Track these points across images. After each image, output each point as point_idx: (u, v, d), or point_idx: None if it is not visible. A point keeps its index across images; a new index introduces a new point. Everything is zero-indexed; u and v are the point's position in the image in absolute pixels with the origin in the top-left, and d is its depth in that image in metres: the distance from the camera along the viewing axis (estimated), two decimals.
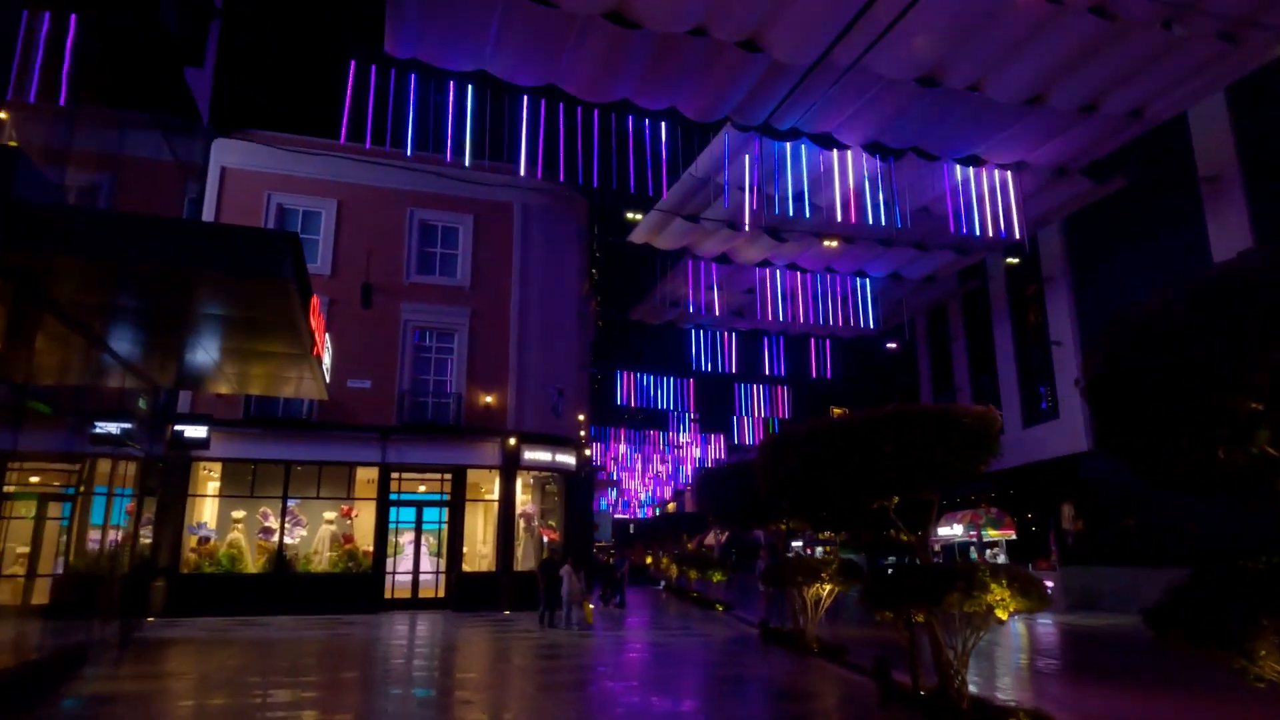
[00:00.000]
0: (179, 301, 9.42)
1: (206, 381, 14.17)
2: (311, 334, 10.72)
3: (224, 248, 8.56)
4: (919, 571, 9.17)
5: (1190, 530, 25.22)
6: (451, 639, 16.55)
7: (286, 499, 22.66)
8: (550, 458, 24.86)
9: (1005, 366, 33.31)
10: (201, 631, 17.58)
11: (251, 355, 11.92)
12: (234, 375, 13.61)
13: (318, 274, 23.64)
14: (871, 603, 10.02)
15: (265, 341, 11.08)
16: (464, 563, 24.42)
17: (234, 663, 13.11)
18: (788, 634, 15.72)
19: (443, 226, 25.23)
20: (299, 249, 9.12)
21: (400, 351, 23.94)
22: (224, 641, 15.83)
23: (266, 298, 9.24)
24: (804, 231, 22.98)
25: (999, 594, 8.25)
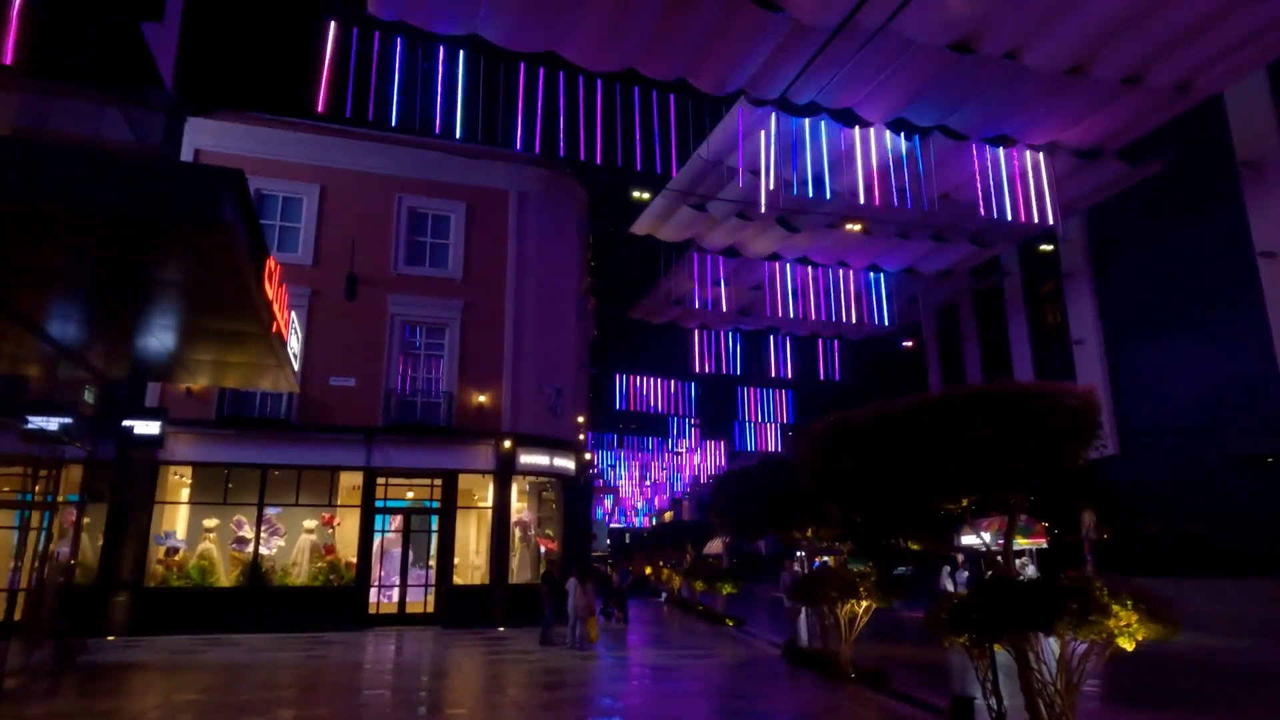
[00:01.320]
0: (97, 258, 7.58)
1: (160, 371, 12.32)
2: (269, 305, 8.90)
3: (143, 184, 6.72)
4: (1011, 590, 7.37)
5: (1217, 539, 23.56)
6: (440, 662, 14.67)
7: (263, 506, 20.73)
8: (548, 462, 23.01)
9: (1021, 367, 31.61)
10: (160, 653, 15.65)
11: (202, 336, 10.11)
12: (189, 363, 11.78)
13: (299, 264, 21.87)
14: (944, 627, 8.24)
15: (214, 316, 9.26)
16: (455, 575, 22.51)
17: (183, 695, 11.21)
18: (816, 656, 13.89)
19: (433, 215, 23.43)
20: (244, 189, 7.32)
21: (387, 347, 22.08)
22: (182, 666, 13.91)
23: (205, 253, 7.41)
24: (823, 214, 21.25)
25: (1124, 618, 6.47)
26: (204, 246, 7.26)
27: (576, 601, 17.11)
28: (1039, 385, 7.21)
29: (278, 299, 9.33)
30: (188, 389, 20.40)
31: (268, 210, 22.25)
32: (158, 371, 12.32)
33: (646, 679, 12.96)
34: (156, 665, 13.99)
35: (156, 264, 7.69)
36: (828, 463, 8.41)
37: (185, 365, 12.01)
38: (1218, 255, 23.13)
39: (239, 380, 12.83)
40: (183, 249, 7.30)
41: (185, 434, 20.29)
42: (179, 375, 12.72)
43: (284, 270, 21.79)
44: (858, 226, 20.93)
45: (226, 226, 6.92)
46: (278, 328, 9.50)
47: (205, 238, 7.12)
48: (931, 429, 7.32)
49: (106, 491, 17.32)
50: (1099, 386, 25.88)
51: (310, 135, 22.57)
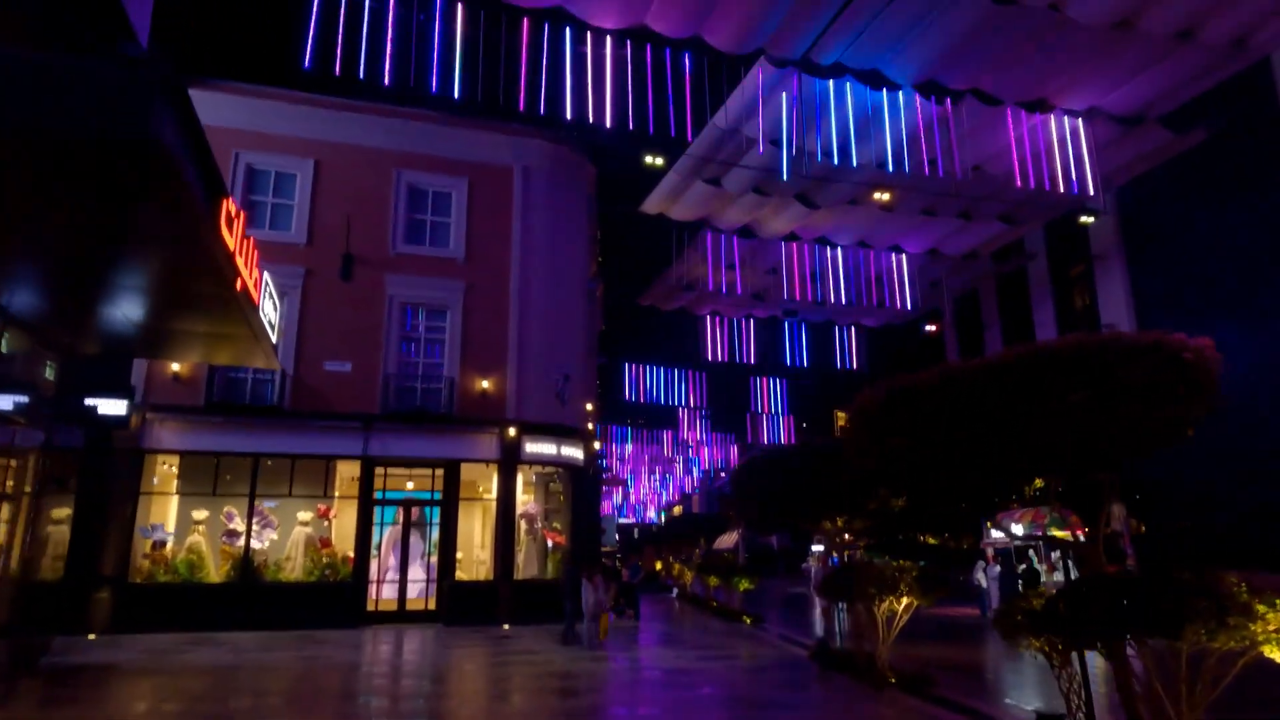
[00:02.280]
0: (9, 193, 6.31)
1: (125, 343, 11.05)
2: (229, 257, 7.62)
3: (49, 93, 5.43)
4: (1116, 587, 6.05)
5: (1257, 533, 22.15)
6: (440, 664, 13.41)
7: (254, 497, 19.53)
8: (555, 451, 21.73)
9: None
10: (138, 653, 14.44)
11: (158, 298, 8.84)
12: (154, 334, 10.51)
13: (292, 243, 20.66)
14: (1019, 630, 6.95)
15: (165, 271, 7.98)
16: (458, 570, 21.27)
17: (147, 703, 9.98)
18: (849, 658, 12.57)
19: (434, 191, 22.16)
20: (185, 104, 6.04)
21: (385, 330, 20.84)
22: (157, 668, 12.69)
23: (138, 184, 6.13)
24: (849, 184, 19.84)
25: (1274, 621, 5.15)
26: (135, 174, 5.98)
27: (597, 598, 16.23)
28: (1150, 336, 5.88)
29: (242, 252, 8.05)
30: (174, 374, 19.24)
31: (259, 186, 21.02)
32: (121, 344, 11.06)
33: (665, 684, 11.68)
34: (130, 667, 12.77)
35: (83, 200, 6.41)
36: (879, 439, 7.09)
37: (150, 337, 10.76)
38: (1263, 233, 21.68)
39: (209, 355, 11.55)
40: (110, 178, 6.02)
41: (171, 420, 19.10)
42: (145, 349, 11.48)
43: (277, 250, 20.65)
44: (886, 196, 19.56)
45: (159, 148, 5.64)
46: (244, 286, 8.22)
47: (135, 162, 5.83)
48: (1013, 393, 5.99)
49: (72, 480, 16.09)
50: None
51: (304, 108, 21.32)
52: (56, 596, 17.32)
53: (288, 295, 20.36)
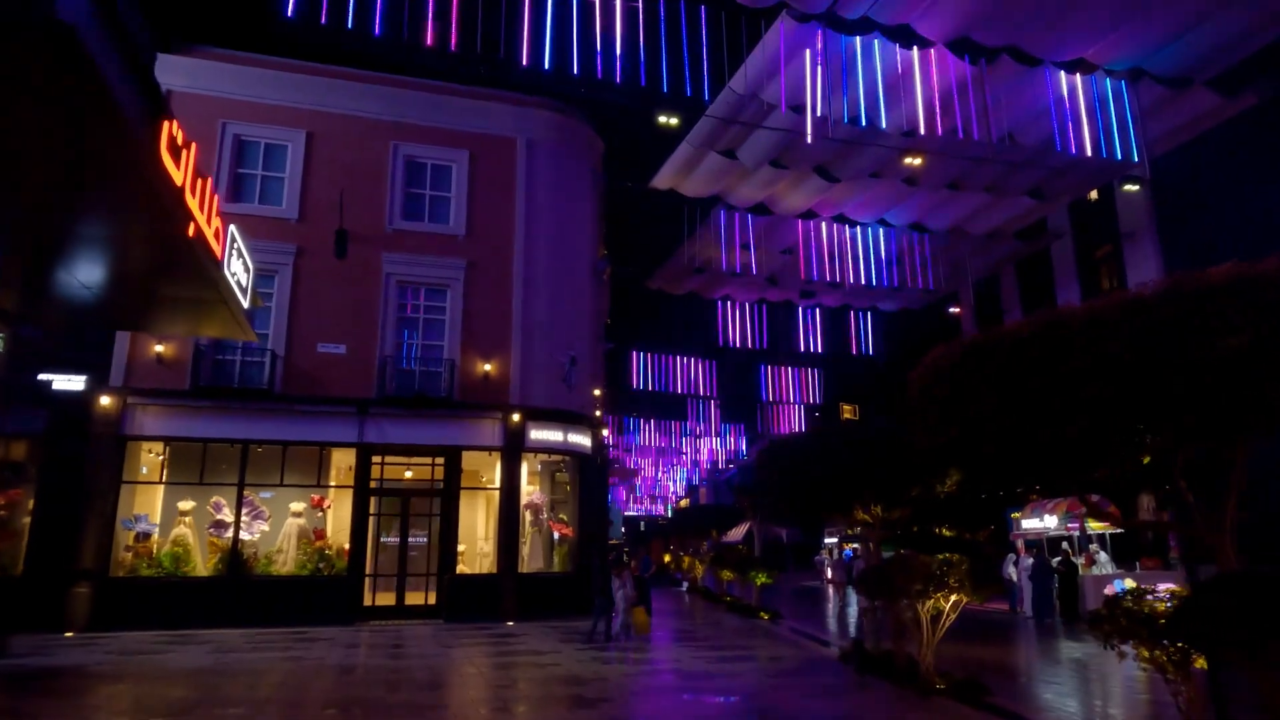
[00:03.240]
0: None
1: (80, 311, 9.79)
2: (175, 193, 6.37)
3: None
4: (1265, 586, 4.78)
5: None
6: (438, 668, 12.21)
7: (244, 486, 18.35)
8: (561, 438, 20.50)
9: None
10: (112, 654, 13.26)
11: (104, 251, 7.58)
12: (113, 301, 9.29)
13: (283, 218, 19.50)
14: (1123, 634, 5.73)
15: (100, 208, 6.73)
16: (460, 563, 20.10)
17: (97, 715, 8.79)
18: (888, 661, 11.34)
19: (432, 164, 20.90)
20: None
21: (381, 310, 19.61)
22: (125, 671, 11.51)
23: (44, 82, 4.88)
24: (877, 147, 18.49)
25: None
26: (43, 70, 4.72)
27: (627, 592, 15.53)
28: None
29: (197, 193, 6.83)
30: (158, 355, 18.06)
31: (248, 158, 19.80)
32: (81, 314, 9.82)
33: (685, 691, 10.46)
34: (94, 670, 11.59)
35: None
36: (961, 404, 5.82)
37: (111, 306, 9.54)
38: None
39: (177, 324, 10.31)
40: (14, 76, 4.77)
41: (154, 405, 17.93)
42: (107, 319, 10.27)
43: (267, 226, 19.41)
44: (917, 160, 18.21)
45: (65, 30, 4.39)
46: (198, 232, 6.99)
47: (40, 52, 4.58)
48: (1146, 337, 4.71)
49: (29, 468, 14.92)
50: None
51: (295, 75, 20.10)
52: (21, 592, 16.21)
53: (278, 273, 19.19)
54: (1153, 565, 19.90)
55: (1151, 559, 20.11)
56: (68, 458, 17.26)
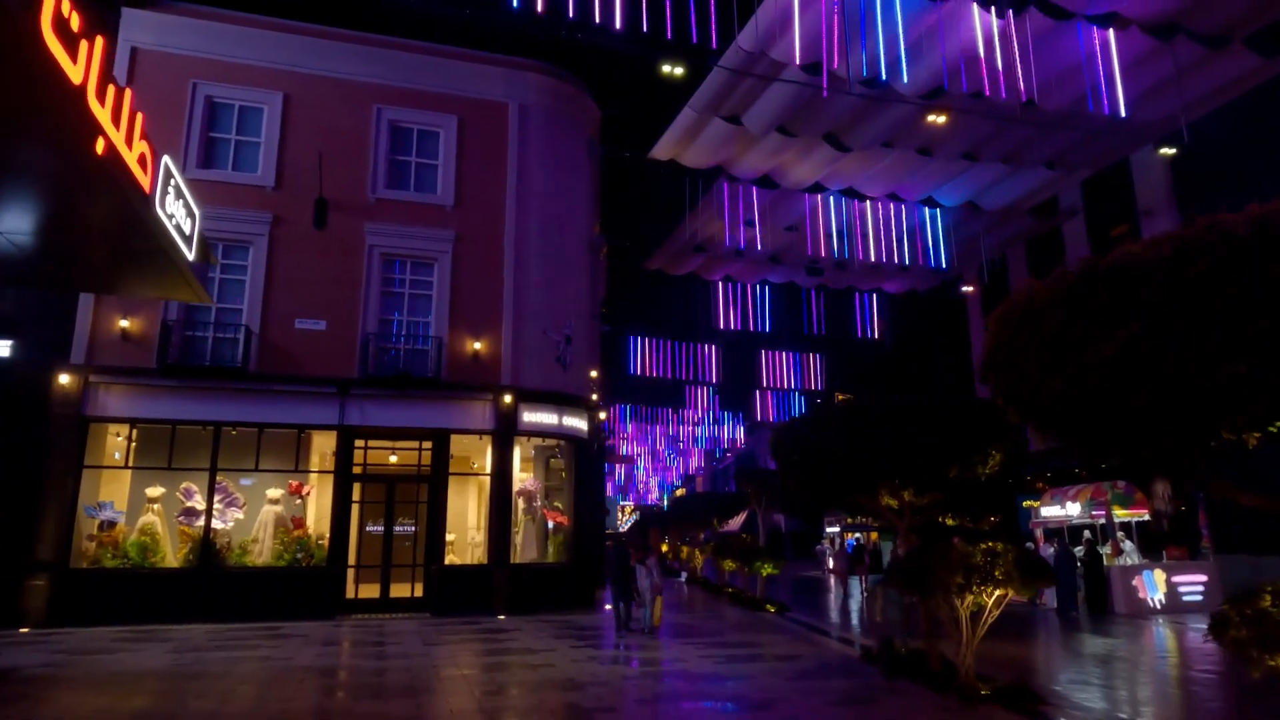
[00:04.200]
0: None
1: (10, 271, 8.42)
2: (74, 94, 5.03)
3: None
4: None
5: None
6: (418, 670, 10.94)
7: (215, 471, 17.03)
8: (555, 421, 19.22)
9: None
10: (59, 653, 11.96)
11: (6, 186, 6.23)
12: (42, 255, 7.93)
13: (258, 185, 18.12)
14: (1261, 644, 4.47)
15: None
16: (450, 554, 18.85)
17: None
18: (920, 661, 10.10)
19: (419, 130, 19.52)
20: None
21: (364, 284, 18.27)
22: (66, 675, 10.22)
23: None
24: (900, 102, 17.13)
25: None
26: None
27: (652, 582, 14.78)
28: None
29: (102, 95, 5.50)
30: (122, 331, 16.71)
31: (221, 122, 18.40)
32: (9, 271, 8.44)
33: (695, 698, 9.21)
34: (31, 674, 10.29)
35: None
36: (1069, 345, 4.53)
37: (40, 261, 8.18)
38: None
39: (109, 279, 8.94)
40: None
41: (119, 385, 16.60)
42: (38, 276, 8.90)
43: (241, 193, 17.98)
44: (941, 118, 16.84)
45: None
46: (110, 150, 5.67)
47: None
48: None
49: None
50: None
51: (272, 33, 18.70)
52: None
53: (253, 244, 17.86)
54: (1178, 554, 18.74)
55: (1177, 548, 18.93)
56: (24, 440, 15.94)
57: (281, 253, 17.92)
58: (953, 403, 9.83)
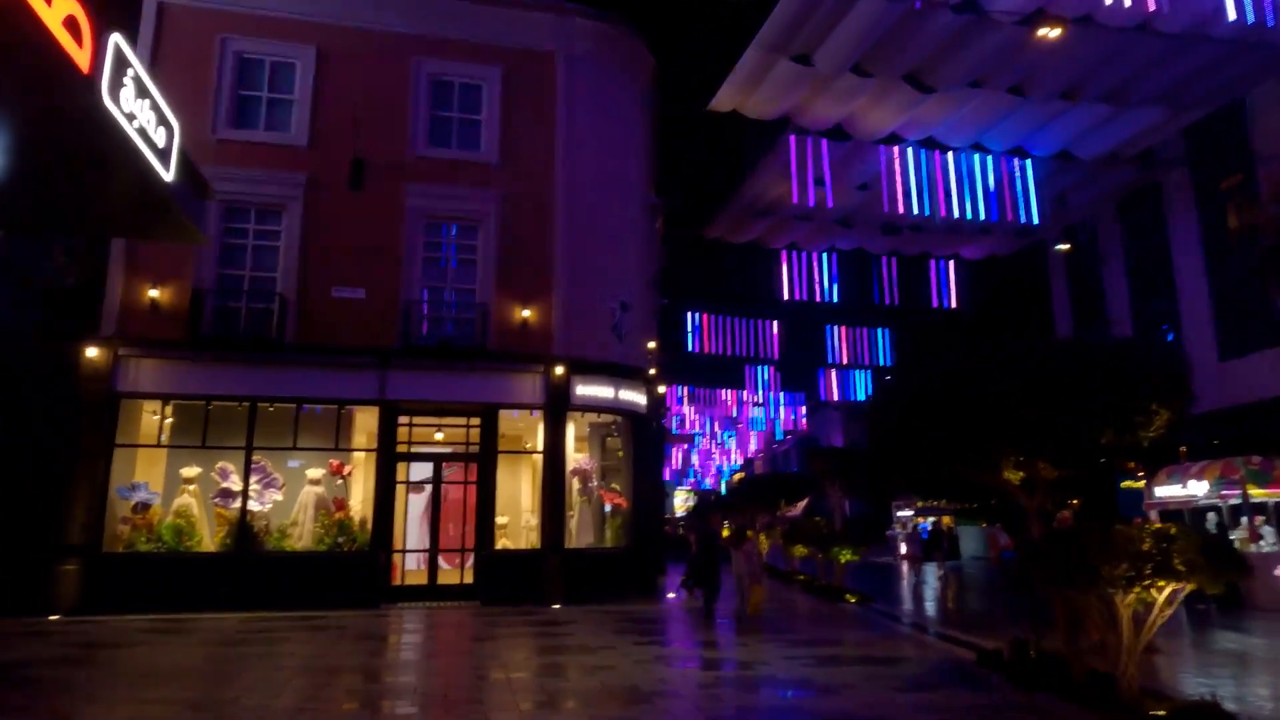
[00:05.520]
0: None
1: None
2: None
3: None
4: None
5: None
6: (462, 674, 9.44)
7: (251, 450, 15.81)
8: (611, 394, 17.55)
9: (1192, 285, 24.70)
10: (74, 647, 10.77)
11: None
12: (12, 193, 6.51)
13: (291, 145, 16.82)
14: None
15: None
16: (502, 538, 17.40)
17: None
18: (1061, 670, 8.14)
19: (460, 83, 17.94)
20: None
21: (405, 249, 16.83)
22: (63, 681, 8.94)
23: None
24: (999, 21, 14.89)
25: None
26: None
27: (750, 568, 14.00)
28: None
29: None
30: (152, 302, 15.55)
31: (252, 79, 17.10)
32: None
33: (794, 715, 7.43)
34: (22, 674, 9.03)
35: None
36: None
37: (10, 199, 6.76)
38: None
39: (74, 215, 7.46)
40: None
41: (150, 358, 15.46)
42: (7, 218, 7.50)
43: (273, 154, 16.56)
44: (1054, 31, 14.53)
45: None
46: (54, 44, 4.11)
47: None
48: None
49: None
50: None
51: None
52: None
53: (287, 207, 16.56)
54: None
55: None
56: (53, 418, 14.94)
57: (317, 216, 16.57)
58: (1109, 345, 7.80)
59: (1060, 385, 7.18)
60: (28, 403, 14.85)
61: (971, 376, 7.73)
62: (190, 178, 7.33)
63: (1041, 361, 7.49)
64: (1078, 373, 7.18)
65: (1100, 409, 7.38)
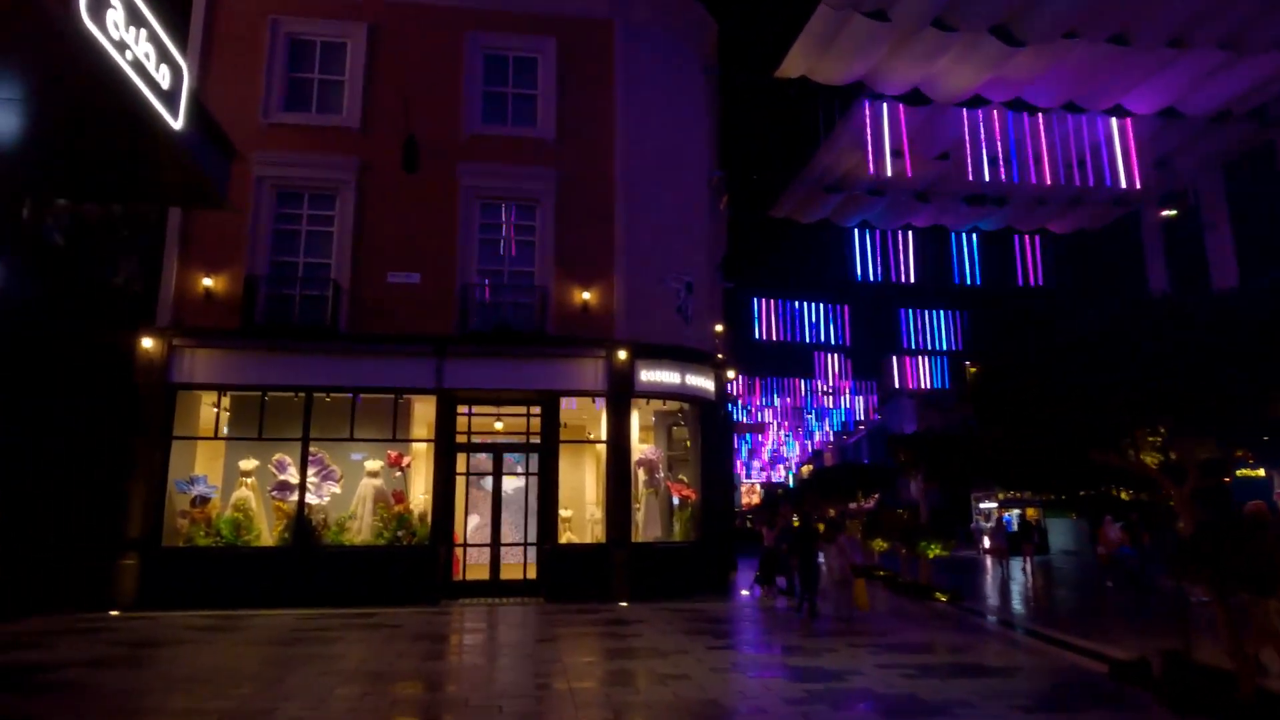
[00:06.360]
0: None
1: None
2: None
3: None
4: None
5: None
6: (520, 683, 8.54)
7: (308, 441, 15.25)
8: (678, 380, 16.48)
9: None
10: (117, 646, 10.23)
11: None
12: None
13: (343, 127, 16.21)
14: None
15: None
16: (568, 532, 16.56)
17: None
18: (1225, 687, 6.74)
19: (514, 57, 17.08)
20: None
21: (460, 232, 16.05)
22: (90, 686, 8.32)
23: None
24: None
25: None
26: None
27: (844, 562, 13.11)
28: None
29: None
30: (206, 290, 15.12)
31: (303, 61, 16.54)
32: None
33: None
34: (50, 680, 8.45)
35: None
36: None
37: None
38: None
39: (83, 156, 6.72)
40: None
41: (204, 348, 15.05)
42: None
43: (325, 137, 15.76)
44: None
45: None
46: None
47: None
48: None
49: None
50: None
51: None
52: (64, 563, 13.74)
53: (339, 192, 15.96)
54: None
55: None
56: (111, 410, 14.63)
57: (370, 200, 15.94)
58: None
59: (1239, 344, 5.79)
60: (85, 396, 14.54)
61: (1113, 338, 6.38)
62: (206, 131, 6.52)
63: (1224, 311, 6.09)
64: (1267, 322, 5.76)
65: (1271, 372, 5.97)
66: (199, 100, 6.35)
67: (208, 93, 15.84)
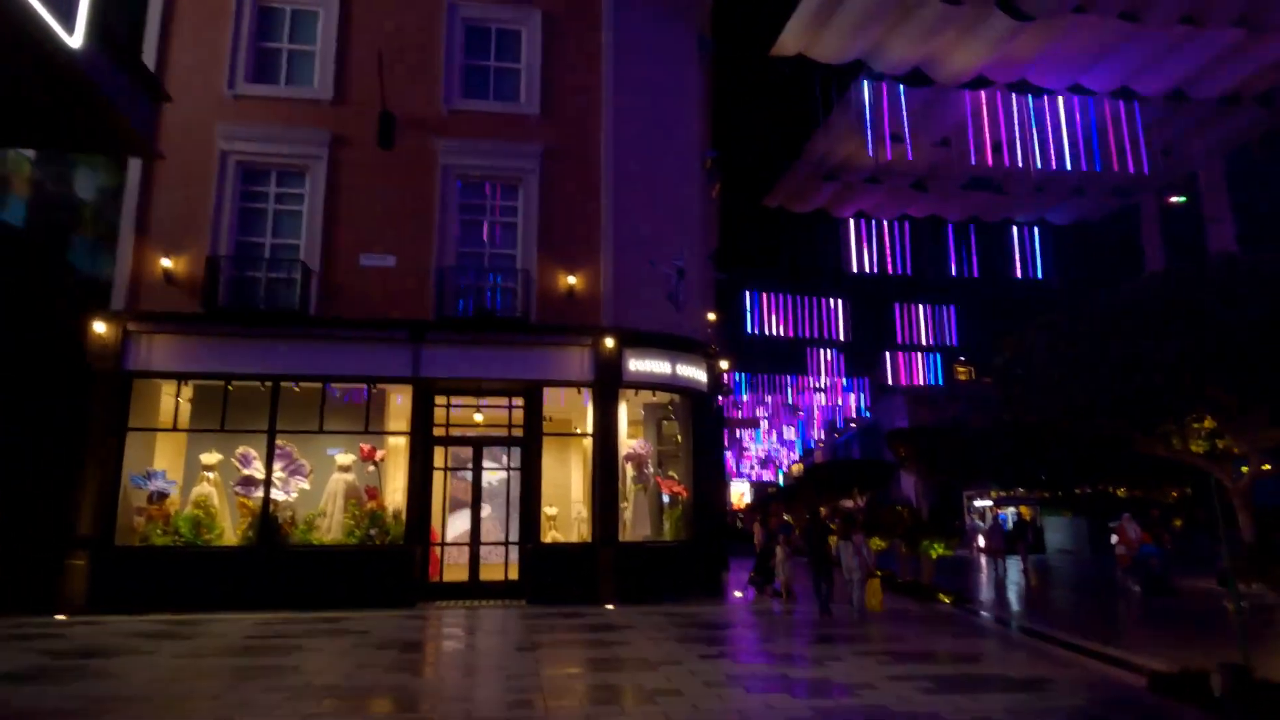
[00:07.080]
0: None
1: None
2: None
3: None
4: None
5: None
6: (491, 702, 7.56)
7: (275, 433, 14.23)
8: (668, 370, 15.56)
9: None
10: (45, 656, 9.19)
11: None
12: None
13: (314, 99, 15.17)
14: None
15: None
16: (552, 529, 15.61)
17: None
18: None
19: (497, 28, 16.12)
20: None
21: (438, 211, 15.07)
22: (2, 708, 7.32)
23: None
24: None
25: None
26: None
27: (861, 560, 13.37)
28: None
29: None
30: (166, 271, 14.07)
31: (272, 29, 15.53)
32: None
33: None
34: None
35: None
36: None
37: None
38: None
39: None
40: None
41: (162, 334, 14.01)
42: None
43: (295, 109, 14.54)
44: None
45: None
46: None
47: None
48: None
49: None
50: None
51: None
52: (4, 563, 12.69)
53: (310, 168, 14.96)
54: None
55: None
56: (62, 400, 13.59)
57: (343, 177, 14.94)
58: None
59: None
60: (34, 385, 13.49)
61: (1176, 305, 5.48)
62: (121, 61, 5.53)
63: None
64: None
65: None
66: (114, 25, 5.37)
67: (169, 62, 14.87)
